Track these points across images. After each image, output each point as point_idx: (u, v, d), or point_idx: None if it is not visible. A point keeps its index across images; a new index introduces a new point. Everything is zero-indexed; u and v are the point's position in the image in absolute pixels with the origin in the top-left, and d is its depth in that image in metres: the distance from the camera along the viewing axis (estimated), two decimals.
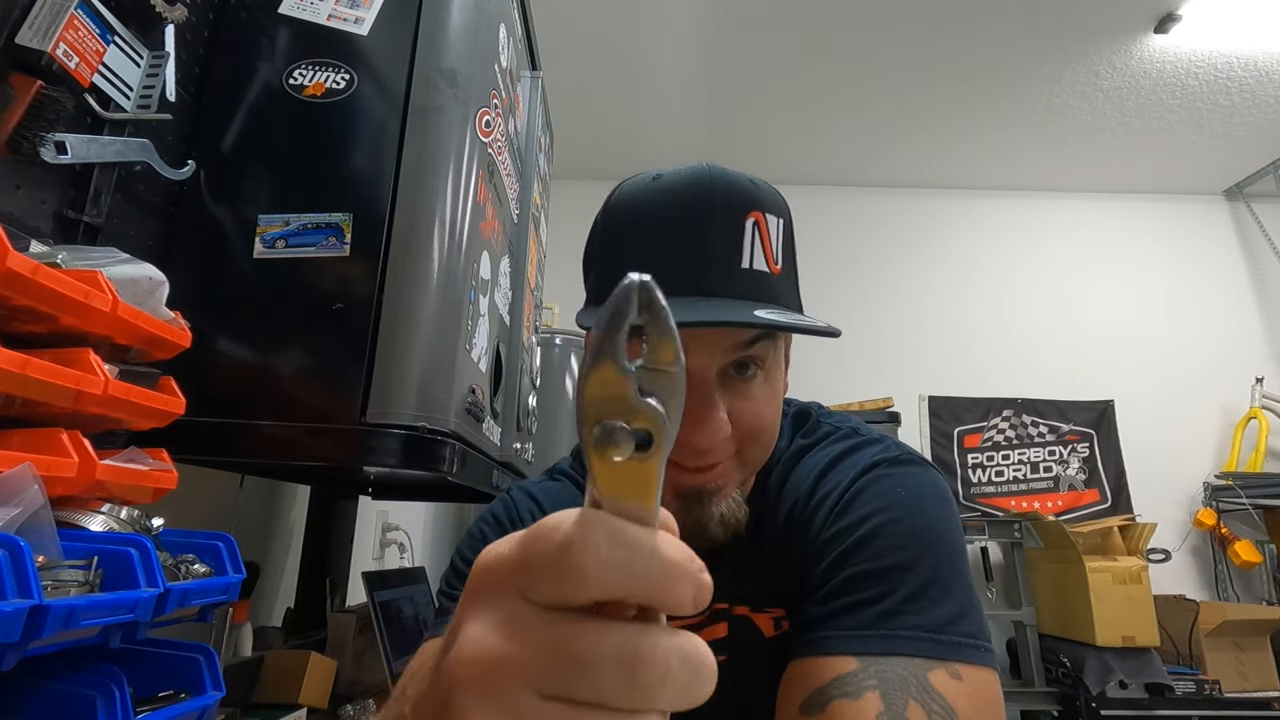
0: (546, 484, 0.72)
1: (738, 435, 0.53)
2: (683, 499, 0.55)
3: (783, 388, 0.59)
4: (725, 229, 0.52)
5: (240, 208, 0.91)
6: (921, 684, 0.41)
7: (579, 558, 0.18)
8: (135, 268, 0.68)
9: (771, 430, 0.56)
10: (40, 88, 0.69)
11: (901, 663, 0.42)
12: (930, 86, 2.88)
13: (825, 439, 0.63)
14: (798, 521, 0.56)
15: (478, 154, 0.97)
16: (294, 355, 0.86)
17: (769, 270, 0.53)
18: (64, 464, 0.56)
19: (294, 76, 0.96)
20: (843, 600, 0.47)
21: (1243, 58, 2.70)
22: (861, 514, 0.51)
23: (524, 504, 0.69)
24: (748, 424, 0.53)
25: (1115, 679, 2.27)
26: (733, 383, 0.53)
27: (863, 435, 0.62)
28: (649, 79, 2.89)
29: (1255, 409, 3.11)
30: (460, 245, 0.92)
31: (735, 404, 0.52)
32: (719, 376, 0.52)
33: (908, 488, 0.53)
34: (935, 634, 0.44)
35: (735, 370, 0.52)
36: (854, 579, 0.48)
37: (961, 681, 0.42)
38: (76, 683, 0.56)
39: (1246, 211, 3.57)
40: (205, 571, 0.69)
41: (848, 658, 0.43)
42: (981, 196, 3.68)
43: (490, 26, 1.07)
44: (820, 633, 0.46)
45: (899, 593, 0.45)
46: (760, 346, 0.53)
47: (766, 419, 0.55)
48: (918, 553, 0.48)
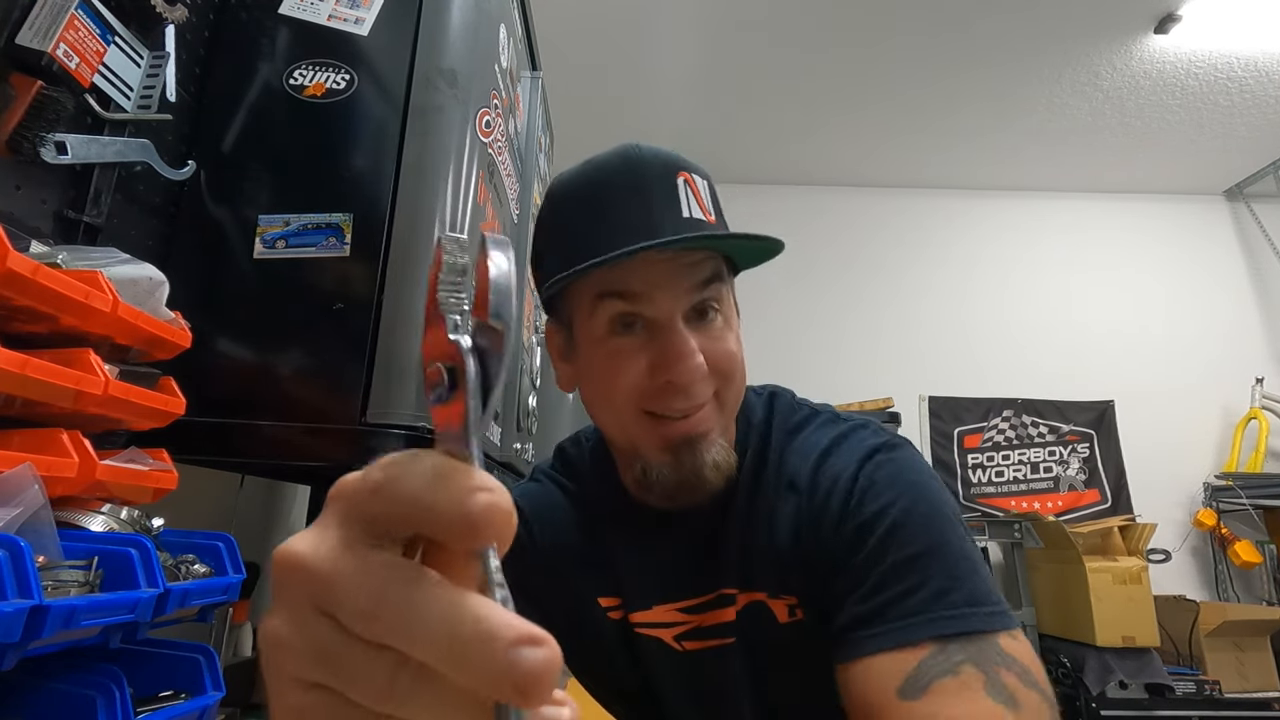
0: (528, 486, 0.73)
1: (714, 374, 0.57)
2: (673, 451, 0.57)
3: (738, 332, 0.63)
4: (662, 187, 0.57)
5: (240, 208, 0.91)
6: (999, 651, 0.45)
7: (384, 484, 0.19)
8: (135, 268, 0.68)
9: (742, 371, 0.60)
10: (41, 88, 0.69)
11: (975, 636, 0.45)
12: (930, 86, 2.88)
13: (810, 421, 0.66)
14: (807, 512, 0.57)
15: (478, 154, 0.97)
16: (294, 355, 0.86)
17: (705, 220, 0.58)
18: (64, 464, 0.56)
19: (294, 77, 0.96)
20: (892, 591, 0.49)
21: (1243, 58, 2.70)
22: (881, 505, 0.53)
23: None
24: (721, 362, 0.57)
25: (1115, 679, 2.27)
26: (697, 327, 0.57)
27: (845, 418, 0.66)
28: (649, 79, 2.89)
29: (1255, 409, 3.11)
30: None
31: (706, 345, 0.56)
32: (687, 324, 0.56)
33: (912, 471, 0.56)
34: (984, 605, 0.47)
35: (697, 316, 0.57)
36: (895, 569, 0.50)
37: (1019, 642, 0.46)
38: (76, 683, 0.56)
39: (1246, 211, 3.57)
40: (205, 572, 0.69)
41: (925, 642, 0.46)
42: (981, 196, 3.68)
43: (490, 27, 1.07)
44: (883, 627, 0.48)
45: (939, 574, 0.49)
46: (714, 289, 0.58)
47: (737, 358, 0.59)
48: (940, 533, 0.51)
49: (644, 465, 0.59)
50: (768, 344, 3.39)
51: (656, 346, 0.56)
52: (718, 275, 0.58)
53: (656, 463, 0.58)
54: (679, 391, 0.55)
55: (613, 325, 0.58)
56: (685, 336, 0.55)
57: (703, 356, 0.55)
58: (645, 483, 0.60)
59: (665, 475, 0.58)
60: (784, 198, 3.66)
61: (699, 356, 0.55)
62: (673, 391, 0.56)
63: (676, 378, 0.55)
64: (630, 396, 0.57)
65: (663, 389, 0.56)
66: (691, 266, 0.57)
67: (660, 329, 0.56)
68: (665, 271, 0.56)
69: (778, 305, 3.42)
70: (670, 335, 0.55)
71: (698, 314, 0.58)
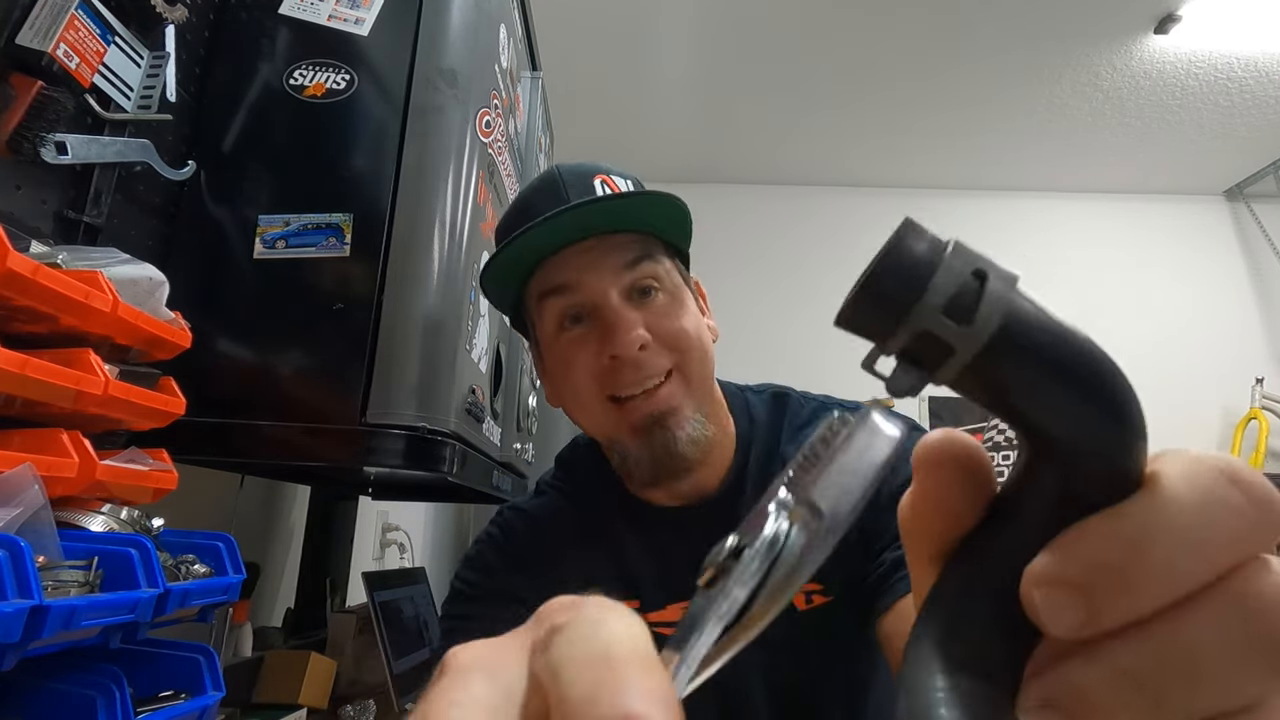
0: (536, 500, 0.73)
1: (664, 345, 0.58)
2: (643, 432, 0.58)
3: (702, 315, 0.64)
4: (576, 185, 0.60)
5: (240, 208, 0.91)
6: None
7: None
8: (135, 268, 0.68)
9: (699, 341, 0.60)
10: (41, 88, 0.69)
11: None
12: (930, 86, 2.88)
13: (822, 413, 0.67)
14: None
15: (478, 154, 0.97)
16: (294, 355, 0.86)
17: None
18: (64, 464, 0.56)
19: (294, 77, 0.96)
20: None
21: (1243, 58, 2.70)
22: None
23: (517, 522, 0.71)
24: (670, 337, 0.58)
25: None
26: (640, 304, 0.59)
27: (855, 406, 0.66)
28: (649, 79, 2.89)
29: (1255, 409, 3.11)
30: (460, 245, 0.92)
31: (649, 320, 0.58)
32: (624, 301, 0.58)
33: None
34: None
35: (639, 295, 0.59)
36: None
37: None
38: (76, 683, 0.56)
39: (1246, 212, 3.57)
40: (205, 572, 0.69)
41: None
42: (981, 196, 3.68)
43: (490, 27, 1.07)
44: None
45: None
46: (647, 267, 0.59)
47: (688, 327, 0.59)
48: None
49: (621, 453, 0.61)
50: (767, 343, 3.40)
51: (598, 328, 0.58)
52: (648, 254, 0.60)
53: (631, 448, 0.60)
54: (626, 364, 0.57)
55: (560, 322, 0.60)
56: (620, 310, 0.57)
57: (648, 330, 0.57)
58: (627, 470, 0.61)
59: (641, 458, 0.59)
60: (784, 198, 3.66)
61: (638, 328, 0.56)
62: (620, 366, 0.57)
63: (618, 350, 0.56)
64: (589, 384, 0.59)
65: (612, 368, 0.57)
66: (617, 248, 0.59)
67: (598, 310, 0.58)
68: (591, 258, 0.58)
69: (777, 304, 3.42)
70: (604, 312, 0.58)
71: (640, 294, 0.59)
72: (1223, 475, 0.14)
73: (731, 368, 3.12)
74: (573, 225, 0.58)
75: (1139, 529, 0.14)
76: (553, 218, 0.55)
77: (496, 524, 0.72)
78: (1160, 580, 0.14)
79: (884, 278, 0.15)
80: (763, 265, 3.56)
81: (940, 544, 0.18)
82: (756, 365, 3.53)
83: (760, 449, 0.65)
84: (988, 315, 0.14)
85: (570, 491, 0.71)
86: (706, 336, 0.62)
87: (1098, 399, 0.14)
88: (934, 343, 0.14)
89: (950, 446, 0.18)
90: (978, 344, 0.14)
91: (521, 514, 0.72)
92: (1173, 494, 0.14)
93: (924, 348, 0.14)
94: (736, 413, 0.67)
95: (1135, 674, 0.14)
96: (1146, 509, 0.14)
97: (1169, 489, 0.14)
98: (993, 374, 0.14)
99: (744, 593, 0.15)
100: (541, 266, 0.60)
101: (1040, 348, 0.14)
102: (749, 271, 3.54)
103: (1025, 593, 0.15)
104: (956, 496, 0.17)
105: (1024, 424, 0.15)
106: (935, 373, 0.15)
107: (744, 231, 3.61)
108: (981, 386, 0.15)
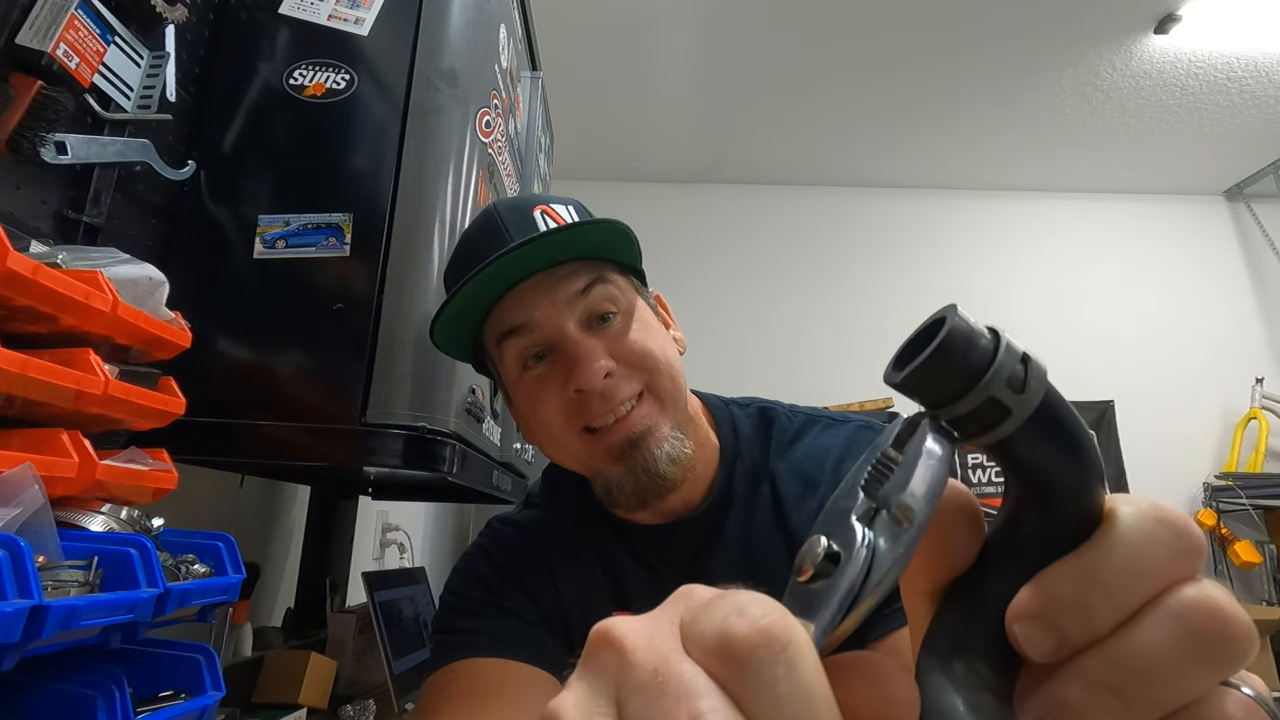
0: (525, 512, 0.74)
1: (629, 368, 0.57)
2: (620, 455, 0.57)
3: (666, 329, 0.64)
4: (516, 222, 0.60)
5: (240, 208, 0.91)
6: None
7: None
8: (135, 268, 0.68)
9: (664, 357, 0.59)
10: (40, 88, 0.69)
11: None
12: (930, 87, 2.88)
13: (810, 427, 0.66)
14: None
15: (478, 154, 0.97)
16: (294, 355, 0.86)
17: None
18: (64, 464, 0.56)
19: (294, 77, 0.96)
20: None
21: (1243, 58, 2.70)
22: None
23: (508, 534, 0.71)
24: (632, 354, 0.58)
25: None
26: (599, 331, 0.58)
27: (845, 419, 0.67)
28: (649, 79, 2.89)
29: (1255, 409, 3.11)
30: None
31: (611, 345, 0.57)
32: (583, 331, 0.58)
33: None
34: None
35: (597, 321, 0.59)
36: None
37: None
38: (76, 683, 0.56)
39: (1246, 212, 3.57)
40: (205, 572, 0.68)
41: None
42: (982, 196, 3.68)
43: (490, 27, 1.07)
44: None
45: None
46: (599, 292, 0.58)
47: (651, 346, 0.59)
48: None
49: (602, 481, 0.60)
50: (767, 345, 3.39)
51: (560, 363, 0.57)
52: (599, 278, 0.59)
53: (612, 475, 0.59)
54: (594, 396, 0.56)
55: (522, 362, 0.60)
56: (579, 341, 0.57)
57: (611, 356, 0.57)
58: (611, 498, 0.60)
59: (623, 483, 0.58)
60: (784, 198, 3.66)
61: (600, 358, 0.56)
62: (588, 400, 0.56)
63: (583, 384, 0.55)
64: (560, 420, 0.58)
65: (580, 401, 0.57)
66: (566, 278, 0.58)
67: (557, 345, 0.58)
68: (539, 294, 0.58)
69: (778, 305, 3.42)
70: (564, 345, 0.57)
71: (599, 320, 0.59)
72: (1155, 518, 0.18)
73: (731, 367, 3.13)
74: (517, 265, 0.56)
75: (1091, 568, 0.18)
76: (493, 262, 0.54)
77: (486, 536, 0.72)
78: (1111, 605, 0.17)
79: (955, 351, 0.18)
80: (762, 265, 3.56)
81: (938, 583, 0.21)
82: (757, 366, 3.54)
83: (746, 464, 0.64)
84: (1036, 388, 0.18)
85: (558, 505, 0.71)
86: (673, 351, 0.62)
87: (1083, 453, 0.19)
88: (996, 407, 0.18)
89: (956, 498, 0.20)
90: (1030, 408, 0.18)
91: (512, 526, 0.72)
92: (1117, 536, 0.18)
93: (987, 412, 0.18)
94: (720, 425, 0.67)
95: (1106, 681, 0.17)
96: (1097, 550, 0.18)
97: (1114, 533, 0.18)
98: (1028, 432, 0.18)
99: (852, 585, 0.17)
100: (495, 308, 0.59)
101: (1061, 414, 0.18)
102: (749, 271, 3.54)
103: (1008, 628, 0.18)
104: (959, 542, 0.20)
105: (1031, 472, 0.19)
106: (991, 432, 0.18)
107: (744, 231, 3.61)
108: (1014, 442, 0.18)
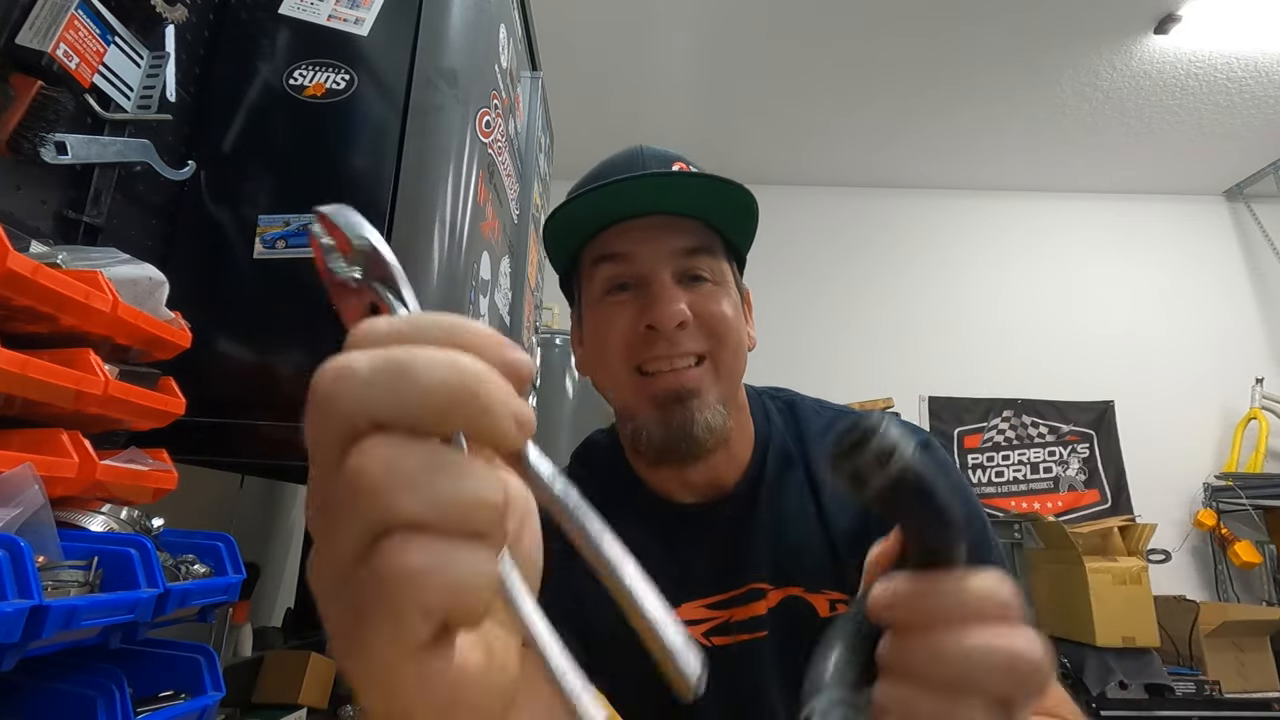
0: None
1: (702, 330, 0.58)
2: (662, 406, 0.58)
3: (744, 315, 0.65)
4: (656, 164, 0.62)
5: (240, 208, 0.91)
6: None
7: None
8: (135, 268, 0.68)
9: (737, 334, 0.61)
10: (40, 88, 0.69)
11: None
12: (930, 87, 2.88)
13: (841, 419, 0.68)
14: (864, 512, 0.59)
15: (478, 154, 0.97)
16: (294, 355, 0.86)
17: None
18: (64, 464, 0.56)
19: (294, 77, 0.96)
20: None
21: (1243, 58, 2.70)
22: None
23: None
24: (711, 321, 0.59)
25: (1115, 680, 2.27)
26: (688, 287, 0.59)
27: None
28: (649, 79, 2.89)
29: (1255, 409, 3.10)
30: (460, 246, 0.92)
31: (694, 300, 0.59)
32: (674, 280, 0.59)
33: (948, 463, 0.65)
34: None
35: (689, 280, 0.60)
36: None
37: None
38: (76, 683, 0.56)
39: (1246, 212, 3.57)
40: (205, 572, 0.69)
41: None
42: (982, 196, 3.68)
43: (490, 27, 1.07)
44: None
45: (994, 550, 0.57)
46: (702, 259, 0.60)
47: (729, 317, 0.60)
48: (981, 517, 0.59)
49: (634, 425, 0.61)
50: (767, 344, 3.39)
51: (642, 298, 0.59)
52: (707, 248, 0.61)
53: (647, 420, 0.59)
54: (661, 338, 0.57)
55: (607, 287, 0.61)
56: (667, 284, 0.58)
57: (689, 311, 0.58)
58: (637, 445, 0.61)
59: (654, 433, 0.59)
60: (785, 198, 3.65)
61: (680, 303, 0.57)
62: (654, 339, 0.57)
63: (656, 320, 0.56)
64: (620, 351, 0.59)
65: (646, 338, 0.58)
66: (680, 231, 0.60)
67: (645, 282, 0.59)
68: (651, 234, 0.59)
69: (778, 305, 3.42)
70: (652, 285, 0.58)
71: (690, 279, 0.60)
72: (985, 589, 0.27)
73: None
74: (641, 195, 0.59)
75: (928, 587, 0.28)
76: (625, 180, 0.57)
77: None
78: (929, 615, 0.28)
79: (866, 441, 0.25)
80: (762, 265, 3.55)
81: None
82: (758, 365, 3.52)
83: (776, 452, 0.65)
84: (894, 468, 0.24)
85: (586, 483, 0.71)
86: (744, 336, 0.63)
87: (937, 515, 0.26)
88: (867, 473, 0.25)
89: None
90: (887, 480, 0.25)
91: None
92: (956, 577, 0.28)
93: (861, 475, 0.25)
94: (755, 413, 0.68)
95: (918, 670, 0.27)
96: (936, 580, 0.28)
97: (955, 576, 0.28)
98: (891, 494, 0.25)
99: None
100: (604, 233, 0.61)
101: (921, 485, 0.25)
102: (748, 271, 3.52)
103: None
104: None
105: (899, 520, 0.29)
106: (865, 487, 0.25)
107: None
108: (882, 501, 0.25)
